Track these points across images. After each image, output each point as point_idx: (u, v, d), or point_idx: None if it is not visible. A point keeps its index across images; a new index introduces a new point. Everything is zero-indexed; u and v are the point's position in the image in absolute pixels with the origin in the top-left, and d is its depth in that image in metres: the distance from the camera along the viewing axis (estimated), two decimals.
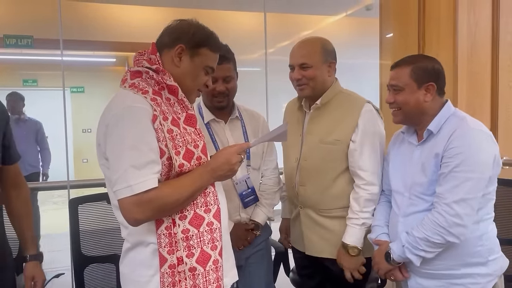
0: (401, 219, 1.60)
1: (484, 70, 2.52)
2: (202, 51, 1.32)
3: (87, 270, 1.95)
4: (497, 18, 2.50)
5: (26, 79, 7.67)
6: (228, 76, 1.79)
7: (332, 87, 1.78)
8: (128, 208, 1.16)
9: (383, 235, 1.66)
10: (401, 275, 1.59)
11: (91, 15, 5.48)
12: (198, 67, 1.32)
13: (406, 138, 1.68)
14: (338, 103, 1.77)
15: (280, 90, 2.82)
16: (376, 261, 1.63)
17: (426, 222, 1.48)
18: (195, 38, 1.30)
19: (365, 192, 1.72)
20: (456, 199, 1.43)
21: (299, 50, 1.76)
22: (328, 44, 1.77)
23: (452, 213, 1.43)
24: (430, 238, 1.46)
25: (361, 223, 1.72)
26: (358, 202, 1.73)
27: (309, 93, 1.76)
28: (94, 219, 1.98)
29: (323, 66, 1.73)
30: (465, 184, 1.43)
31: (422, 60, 1.58)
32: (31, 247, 1.65)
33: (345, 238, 1.73)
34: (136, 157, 1.15)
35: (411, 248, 1.49)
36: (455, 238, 1.45)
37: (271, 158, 1.97)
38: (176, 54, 1.30)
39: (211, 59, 1.35)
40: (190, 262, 1.21)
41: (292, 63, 1.76)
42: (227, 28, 5.70)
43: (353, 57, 5.34)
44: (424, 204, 1.54)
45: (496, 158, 1.48)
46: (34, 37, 4.93)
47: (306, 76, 1.72)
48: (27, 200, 1.68)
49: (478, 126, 1.51)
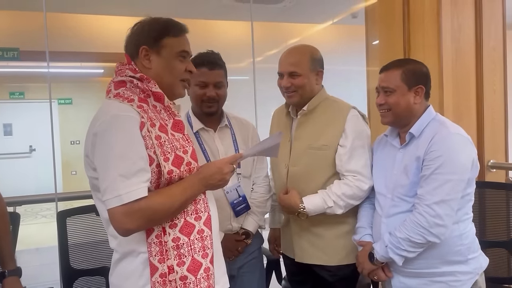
0: (384, 220, 1.64)
1: (469, 74, 2.56)
2: (164, 42, 1.30)
3: (76, 284, 1.92)
4: (480, 23, 2.54)
5: (13, 91, 7.61)
6: (219, 81, 1.79)
7: (319, 94, 1.81)
8: (118, 218, 1.14)
9: (366, 236, 1.70)
10: (384, 274, 1.63)
11: (78, 27, 5.48)
12: (170, 58, 1.30)
13: (389, 141, 1.72)
14: (325, 109, 1.80)
15: (269, 97, 2.84)
16: (360, 261, 1.67)
17: (408, 223, 1.52)
18: (151, 33, 1.29)
19: (353, 184, 1.71)
20: (436, 200, 1.48)
21: (288, 58, 1.78)
22: (317, 53, 1.80)
23: (432, 214, 1.48)
24: (412, 238, 1.50)
25: (329, 206, 1.69)
26: (340, 186, 1.71)
27: (297, 100, 1.78)
28: (82, 231, 1.96)
29: (311, 74, 1.76)
30: (445, 186, 1.49)
31: (412, 63, 1.65)
32: (10, 262, 1.61)
33: (306, 202, 1.71)
34: (125, 166, 1.14)
35: (393, 248, 1.54)
36: (435, 238, 1.50)
37: (262, 166, 1.96)
38: (143, 57, 1.29)
39: (179, 43, 1.32)
40: (181, 271, 1.20)
41: (281, 71, 1.78)
42: (215, 37, 5.73)
43: (340, 63, 5.39)
44: (406, 205, 1.59)
45: (474, 161, 1.55)
46: (21, 49, 4.91)
47: (294, 84, 1.74)
48: (3, 215, 1.63)
49: (457, 130, 1.57)
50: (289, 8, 5.39)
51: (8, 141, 7.86)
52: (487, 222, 2.25)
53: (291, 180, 1.81)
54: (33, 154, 7.93)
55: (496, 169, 2.61)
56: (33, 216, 6.86)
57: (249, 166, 1.90)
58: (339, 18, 6.04)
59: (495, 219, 2.23)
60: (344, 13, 5.82)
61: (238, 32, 5.82)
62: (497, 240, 2.19)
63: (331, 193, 1.71)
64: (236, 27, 5.93)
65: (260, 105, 3.57)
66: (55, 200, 2.48)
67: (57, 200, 2.48)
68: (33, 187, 7.23)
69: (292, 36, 6.12)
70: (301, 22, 6.25)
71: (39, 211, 7.03)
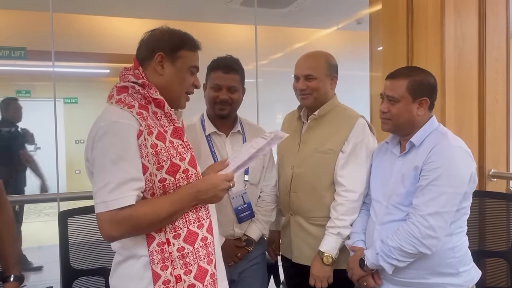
0: (378, 227, 1.64)
1: (471, 83, 2.56)
2: (181, 54, 1.33)
3: (76, 283, 1.94)
4: (483, 32, 2.55)
5: (19, 89, 7.66)
6: (232, 86, 1.80)
7: (331, 100, 1.87)
8: (102, 224, 1.17)
9: (359, 241, 1.70)
10: (373, 281, 1.63)
11: (86, 27, 5.52)
12: (182, 70, 1.33)
13: (389, 148, 1.72)
14: (335, 116, 1.85)
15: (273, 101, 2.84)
16: (350, 266, 1.67)
17: (401, 232, 1.52)
18: (170, 43, 1.32)
19: (343, 199, 1.75)
20: (431, 212, 1.48)
21: (305, 62, 1.84)
22: (332, 59, 1.87)
23: (426, 225, 1.47)
24: (403, 248, 1.50)
25: (337, 232, 1.74)
26: (336, 209, 1.76)
27: (311, 103, 1.83)
28: (83, 231, 1.98)
29: (326, 78, 1.83)
30: (441, 198, 1.48)
31: (419, 74, 1.61)
32: (14, 268, 1.60)
33: (321, 246, 1.75)
34: (116, 173, 1.16)
35: (384, 256, 1.53)
36: (427, 249, 1.49)
37: (271, 174, 1.95)
38: (157, 63, 1.31)
39: (192, 58, 1.36)
40: (188, 279, 1.22)
41: (298, 74, 1.84)
42: (222, 40, 5.75)
43: (344, 68, 5.40)
44: (400, 214, 1.58)
45: (472, 175, 1.54)
46: (28, 49, 4.96)
47: (310, 87, 1.80)
48: (10, 220, 1.63)
49: (458, 143, 1.55)
50: (295, 13, 5.40)
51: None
52: (487, 232, 2.24)
53: (295, 181, 1.85)
54: (38, 152, 7.96)
55: (497, 178, 2.61)
56: (36, 214, 6.90)
57: (258, 173, 1.90)
58: (344, 23, 6.05)
59: (495, 229, 2.22)
60: (349, 19, 5.83)
61: (244, 36, 5.85)
62: (497, 250, 2.19)
63: (331, 221, 1.75)
64: (243, 31, 5.95)
65: (264, 109, 3.59)
66: (57, 200, 2.50)
67: (59, 200, 2.50)
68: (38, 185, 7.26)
69: (298, 40, 6.14)
70: (306, 27, 6.26)
71: (42, 209, 7.06)
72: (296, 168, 1.85)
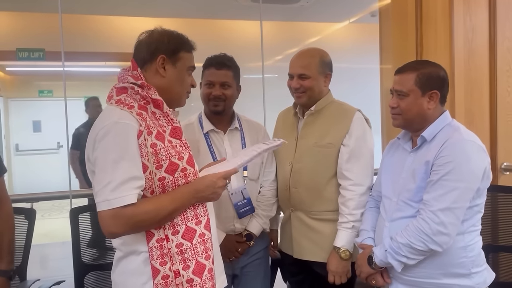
0: (387, 224, 1.60)
1: (482, 75, 2.50)
2: (180, 55, 1.37)
3: (87, 278, 2.01)
4: (494, 23, 2.48)
5: (42, 89, 7.86)
6: (225, 82, 1.82)
7: (326, 96, 1.87)
8: (105, 222, 1.21)
9: (368, 239, 1.68)
10: (382, 280, 1.59)
11: (103, 28, 5.63)
12: (182, 71, 1.38)
13: (401, 144, 1.69)
14: (332, 111, 1.86)
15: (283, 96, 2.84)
16: (359, 264, 1.64)
17: (410, 229, 1.47)
18: (171, 45, 1.35)
19: (352, 194, 1.75)
20: (442, 207, 1.43)
21: (298, 60, 1.84)
22: (326, 56, 1.86)
23: (437, 221, 1.43)
24: (413, 245, 1.45)
25: (351, 226, 1.75)
26: (345, 205, 1.76)
27: (306, 101, 1.84)
28: (94, 227, 2.04)
29: (320, 77, 1.82)
30: (452, 193, 1.43)
31: (428, 67, 1.57)
32: (4, 262, 1.65)
33: (337, 242, 1.76)
34: (118, 172, 1.19)
35: (393, 254, 1.49)
36: (438, 246, 1.44)
37: (271, 169, 1.97)
38: (160, 65, 1.34)
39: (190, 59, 1.41)
40: (187, 274, 1.25)
41: (292, 72, 1.85)
42: (233, 36, 5.77)
43: (357, 62, 5.35)
44: (411, 210, 1.54)
45: (486, 171, 1.48)
46: (47, 50, 5.09)
47: (304, 86, 1.81)
48: (8, 216, 1.68)
49: (471, 137, 1.50)
50: (306, 8, 5.38)
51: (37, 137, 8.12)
52: (499, 227, 2.21)
53: (294, 177, 1.85)
54: (60, 150, 8.17)
55: (509, 172, 2.54)
56: (59, 211, 7.08)
57: (257, 169, 1.91)
58: (357, 17, 5.98)
59: (508, 224, 2.18)
60: (362, 12, 5.77)
61: (256, 32, 5.86)
62: (510, 244, 2.15)
63: (343, 216, 1.76)
64: (254, 27, 5.97)
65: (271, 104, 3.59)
66: (69, 197, 2.58)
67: (71, 197, 2.58)
68: (61, 182, 7.45)
69: (311, 35, 6.11)
70: (318, 21, 6.23)
71: (65, 205, 7.24)
72: (295, 163, 1.86)
